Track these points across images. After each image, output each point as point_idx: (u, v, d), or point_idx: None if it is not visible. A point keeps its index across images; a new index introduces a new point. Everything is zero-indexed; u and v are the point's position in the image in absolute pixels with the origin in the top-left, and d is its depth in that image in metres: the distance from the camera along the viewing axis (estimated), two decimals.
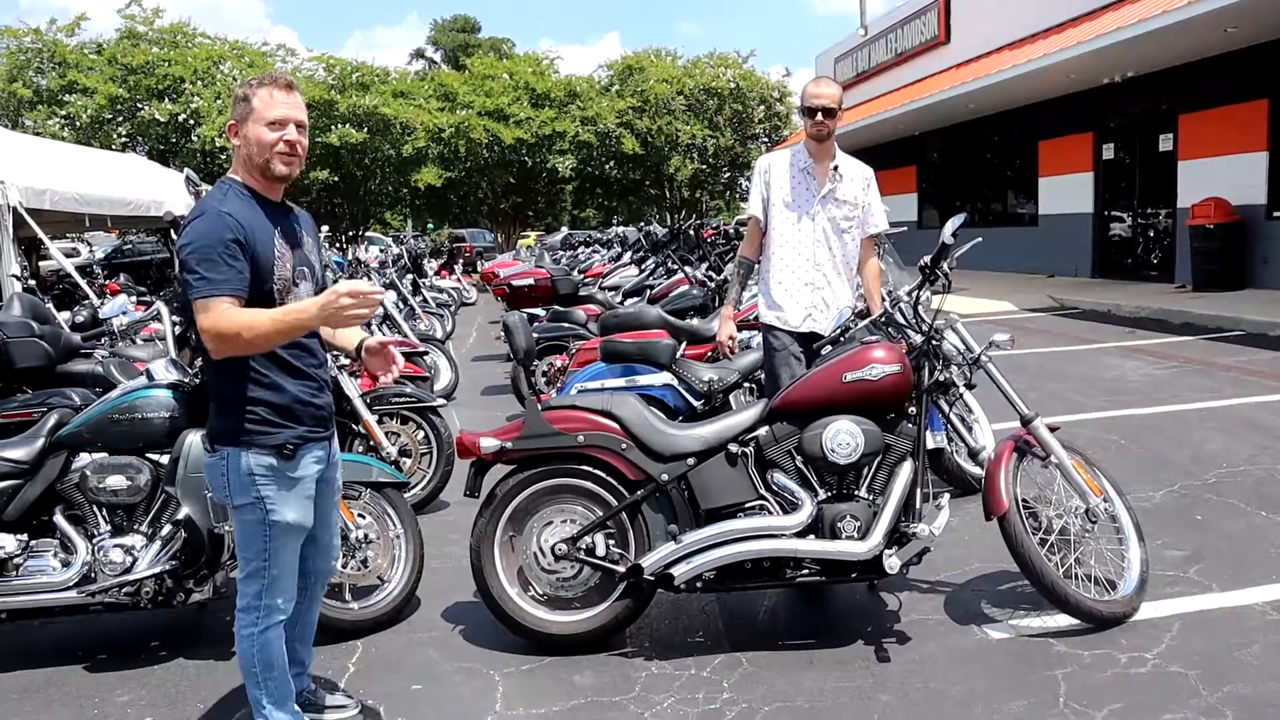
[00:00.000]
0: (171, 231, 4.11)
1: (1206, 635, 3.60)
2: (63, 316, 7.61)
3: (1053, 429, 3.92)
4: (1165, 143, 15.16)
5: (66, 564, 3.82)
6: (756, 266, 4.83)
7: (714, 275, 9.07)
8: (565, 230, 33.04)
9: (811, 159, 4.60)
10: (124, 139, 26.51)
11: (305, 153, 2.90)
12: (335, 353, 3.17)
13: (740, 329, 5.44)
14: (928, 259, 4.07)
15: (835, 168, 4.59)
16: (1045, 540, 3.74)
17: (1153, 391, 7.88)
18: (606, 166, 30.96)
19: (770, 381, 4.79)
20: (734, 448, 3.75)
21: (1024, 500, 3.78)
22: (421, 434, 5.71)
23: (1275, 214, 12.98)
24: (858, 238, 4.69)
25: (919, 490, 3.72)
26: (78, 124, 25.60)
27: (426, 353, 7.88)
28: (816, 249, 4.58)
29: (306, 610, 3.22)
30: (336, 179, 28.20)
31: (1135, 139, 16.20)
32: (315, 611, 3.30)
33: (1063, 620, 3.72)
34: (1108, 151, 16.79)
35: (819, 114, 4.47)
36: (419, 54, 55.69)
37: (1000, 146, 20.43)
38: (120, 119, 26.65)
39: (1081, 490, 3.82)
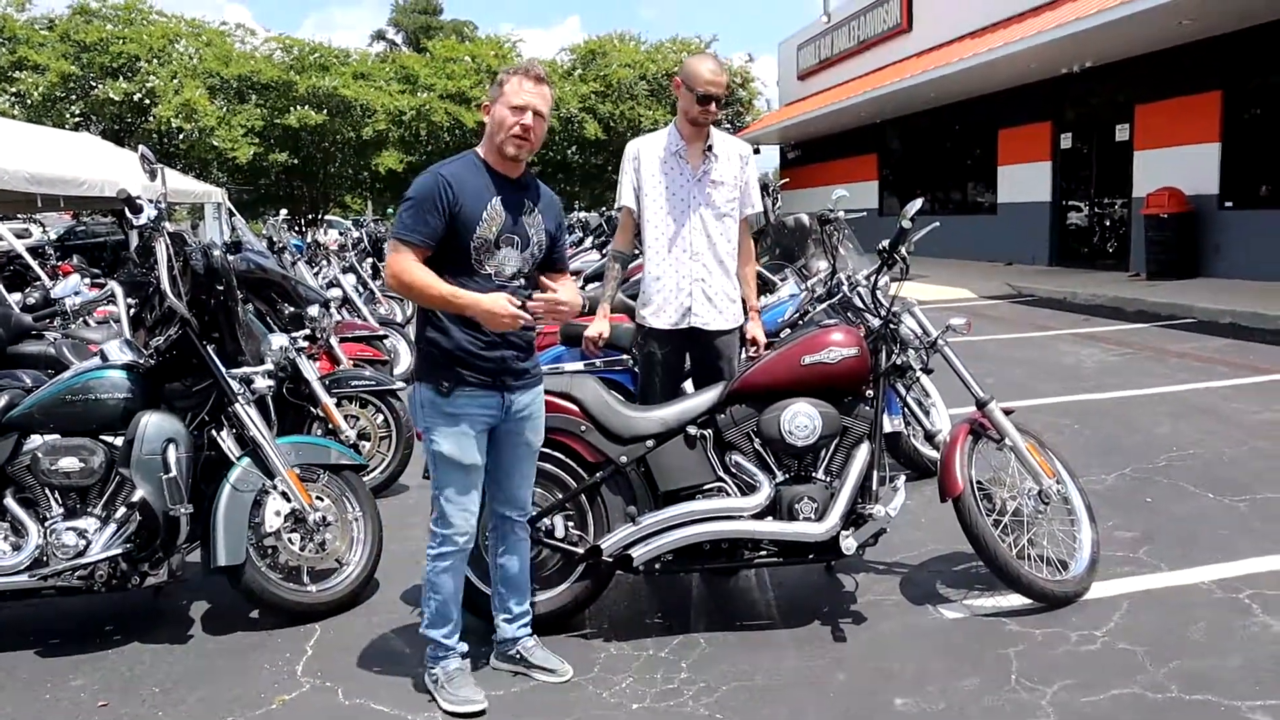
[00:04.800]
0: (126, 210, 4.04)
1: (1154, 613, 3.68)
2: (14, 298, 7.45)
3: (1008, 412, 3.98)
4: (1122, 133, 15.37)
5: (17, 547, 3.75)
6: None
7: None
8: None
9: (684, 141, 4.19)
10: (77, 118, 26.03)
11: (539, 140, 3.18)
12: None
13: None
14: (886, 243, 4.12)
15: (709, 148, 4.21)
16: (999, 521, 3.79)
17: (1106, 377, 8.01)
18: (569, 151, 30.86)
19: (641, 387, 4.39)
20: (693, 430, 3.76)
21: (979, 482, 3.83)
22: (380, 417, 5.69)
23: (1227, 204, 13.22)
24: (739, 221, 4.35)
25: (875, 472, 3.75)
26: (29, 101, 25.10)
27: (386, 336, 7.83)
28: (694, 237, 4.19)
29: (503, 557, 3.45)
30: (295, 161, 27.89)
31: (1093, 129, 16.40)
32: (515, 561, 3.47)
33: (1016, 600, 3.78)
34: (1065, 141, 16.98)
35: (712, 103, 4.07)
36: (380, 35, 55.10)
37: (961, 135, 20.59)
38: (73, 97, 26.14)
39: (1035, 472, 3.88)
